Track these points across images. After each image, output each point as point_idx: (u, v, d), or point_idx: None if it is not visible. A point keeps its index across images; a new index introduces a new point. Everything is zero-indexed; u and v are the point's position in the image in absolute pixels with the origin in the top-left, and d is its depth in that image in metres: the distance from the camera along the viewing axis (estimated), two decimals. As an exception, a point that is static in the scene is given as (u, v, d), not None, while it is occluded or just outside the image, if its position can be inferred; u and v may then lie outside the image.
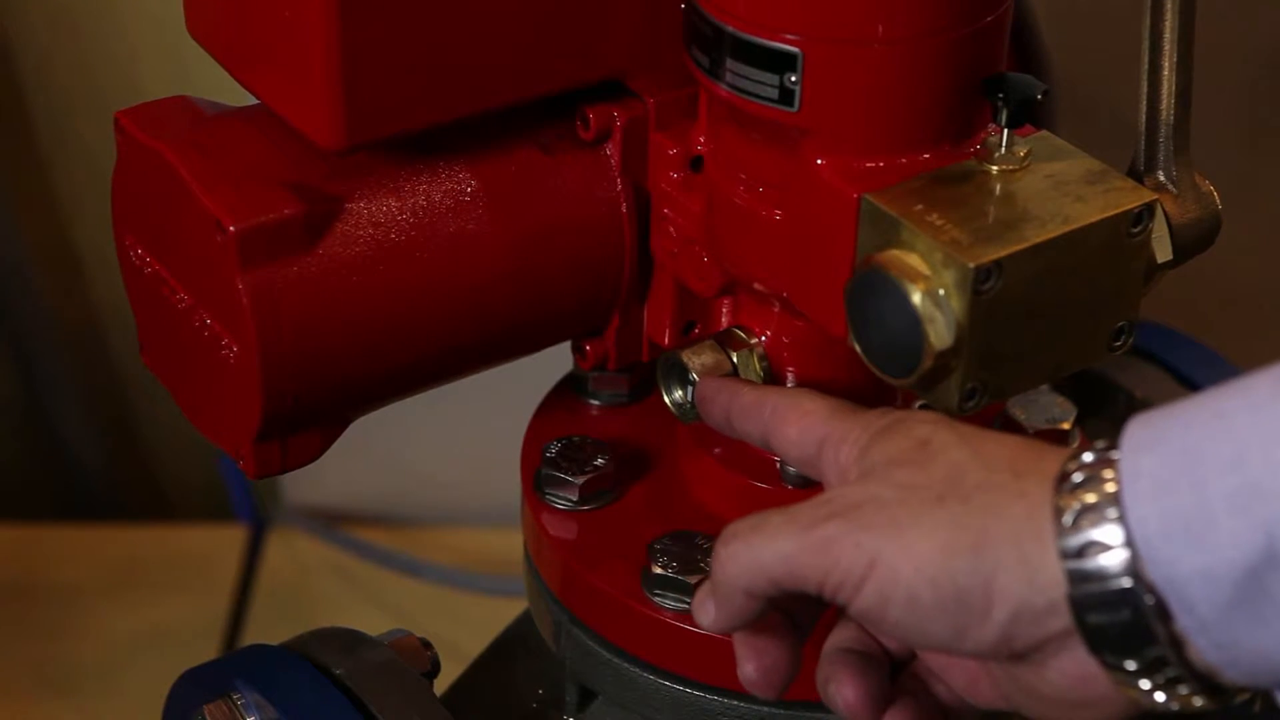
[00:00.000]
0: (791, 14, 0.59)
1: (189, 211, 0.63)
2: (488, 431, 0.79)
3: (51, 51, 1.22)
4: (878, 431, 0.59)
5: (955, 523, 0.56)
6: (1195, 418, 0.53)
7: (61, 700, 1.15)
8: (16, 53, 1.22)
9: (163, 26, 1.12)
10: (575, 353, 0.72)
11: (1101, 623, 0.54)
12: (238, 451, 0.66)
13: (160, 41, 1.18)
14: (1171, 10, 0.63)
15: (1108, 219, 0.59)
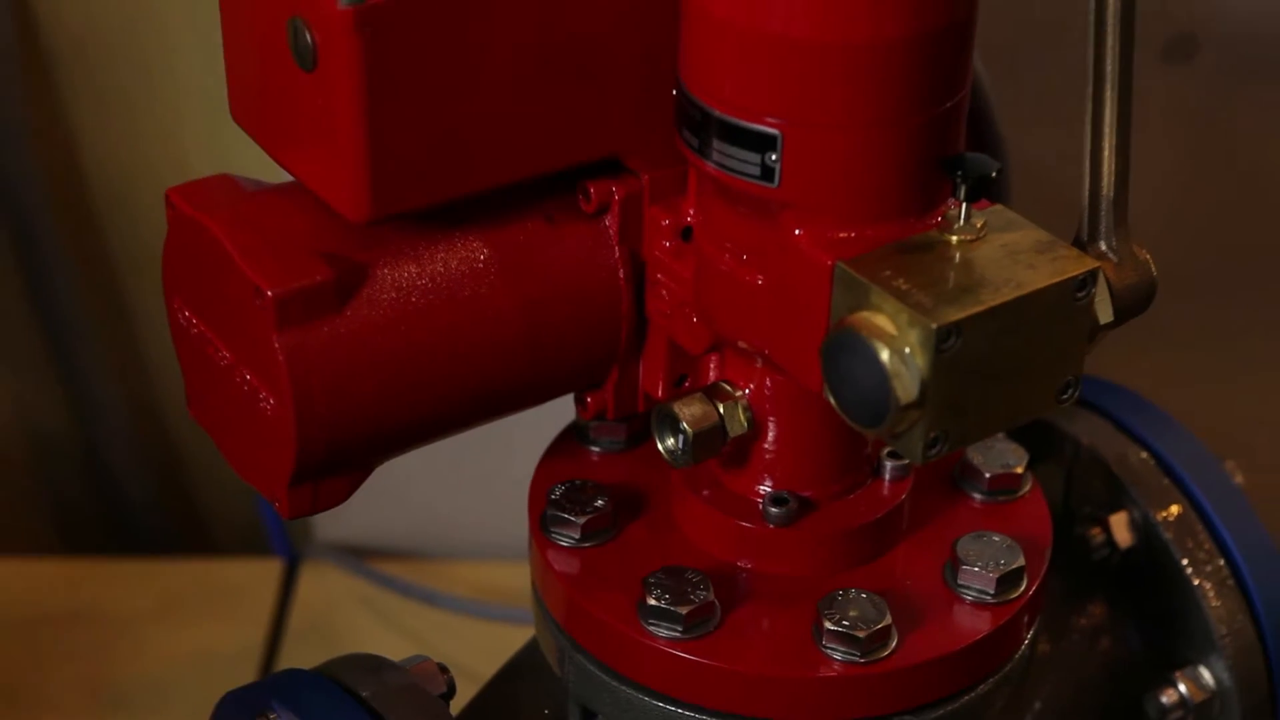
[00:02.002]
0: (772, 100, 0.59)
1: (231, 278, 0.63)
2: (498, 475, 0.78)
3: (108, 132, 1.23)
4: None
5: None
6: None
7: (114, 717, 1.15)
8: (76, 132, 1.22)
9: (208, 111, 1.12)
10: (577, 404, 0.72)
11: None
12: (274, 494, 0.66)
13: (206, 124, 1.19)
14: (1111, 101, 0.63)
15: (1055, 284, 0.59)
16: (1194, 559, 0.78)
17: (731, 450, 0.68)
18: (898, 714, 0.66)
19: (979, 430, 0.61)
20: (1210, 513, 0.78)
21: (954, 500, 0.72)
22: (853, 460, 0.69)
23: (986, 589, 0.67)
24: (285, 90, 0.63)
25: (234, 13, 0.65)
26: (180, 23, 1.18)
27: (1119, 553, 0.79)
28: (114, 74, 1.21)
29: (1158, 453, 0.80)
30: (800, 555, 0.68)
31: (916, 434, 0.58)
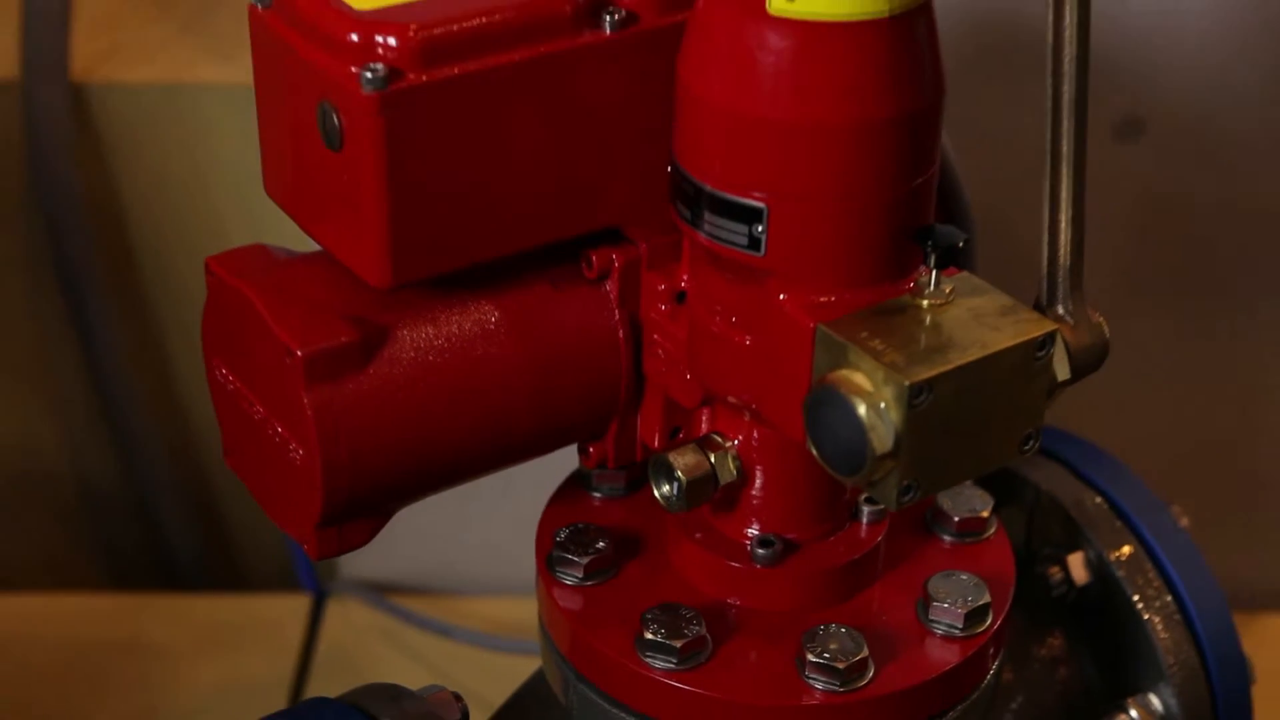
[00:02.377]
0: (758, 177, 0.59)
1: (264, 339, 0.63)
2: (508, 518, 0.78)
3: (154, 206, 1.23)
4: None
5: None
6: None
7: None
8: (125, 206, 1.23)
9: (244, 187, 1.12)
10: (581, 453, 0.72)
11: None
12: (303, 536, 0.66)
13: (242, 199, 1.19)
14: (1066, 178, 0.64)
15: (1017, 345, 0.59)
16: (1144, 595, 0.77)
17: (722, 496, 0.67)
18: (874, 739, 0.66)
19: (948, 478, 0.61)
20: (1159, 553, 0.78)
21: (925, 542, 0.72)
22: (833, 505, 0.69)
23: (955, 624, 0.67)
24: (314, 167, 0.63)
25: (268, 97, 0.65)
26: (220, 109, 1.19)
27: (1076, 589, 0.79)
28: (160, 154, 1.21)
29: (1110, 498, 0.79)
30: (785, 593, 0.68)
31: (891, 482, 0.58)
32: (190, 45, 1.23)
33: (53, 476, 1.32)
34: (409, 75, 0.59)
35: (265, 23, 0.63)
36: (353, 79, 0.59)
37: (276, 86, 0.64)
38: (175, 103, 1.20)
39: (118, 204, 1.22)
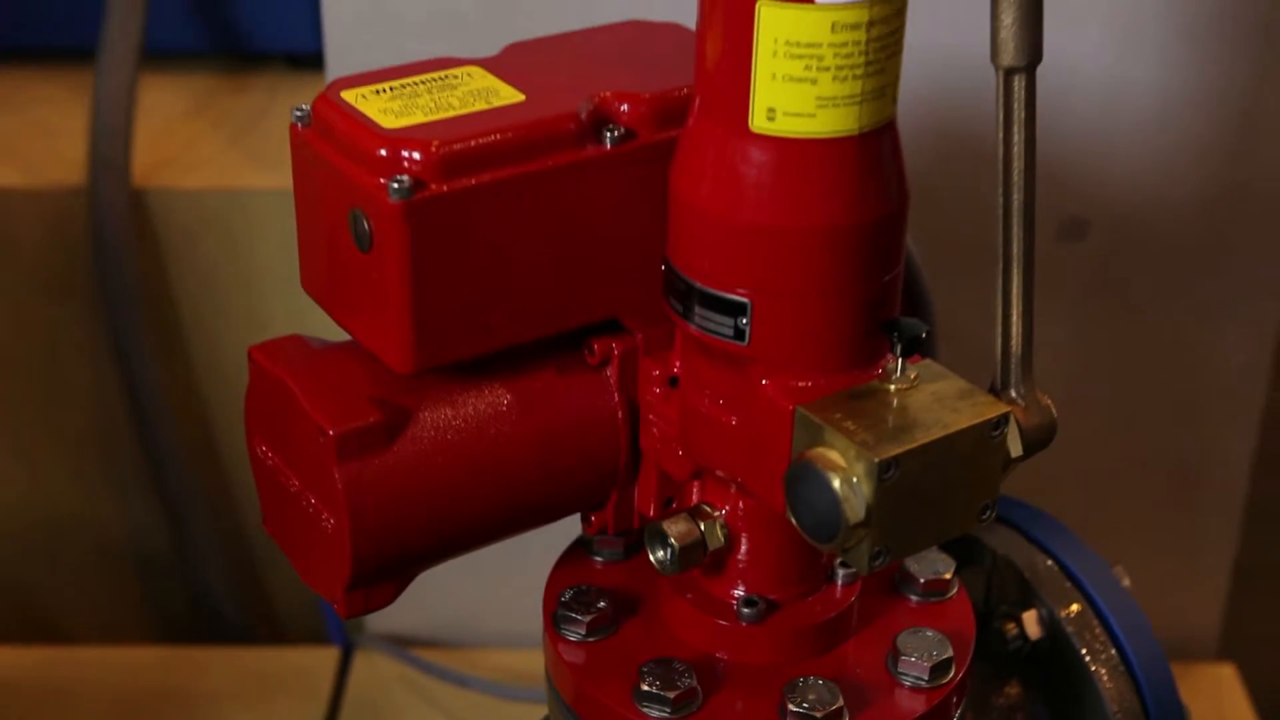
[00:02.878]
0: (743, 275, 0.60)
1: (300, 420, 0.63)
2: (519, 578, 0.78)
3: (204, 299, 1.23)
4: None
5: None
6: None
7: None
8: (178, 299, 1.23)
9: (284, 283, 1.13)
10: (583, 521, 0.72)
11: None
12: (333, 597, 0.65)
13: (281, 292, 1.19)
14: (1017, 276, 0.64)
15: (975, 425, 0.58)
16: (1091, 649, 0.77)
17: (710, 561, 0.67)
18: (849, 782, 0.65)
19: (914, 544, 0.61)
20: (1104, 610, 0.78)
21: (894, 601, 0.72)
22: (811, 569, 0.69)
23: (922, 676, 0.67)
24: (345, 266, 0.63)
25: (306, 203, 0.66)
26: (263, 212, 1.19)
27: (1030, 643, 0.79)
28: (209, 252, 1.22)
29: (1060, 560, 0.79)
30: (767, 648, 0.68)
31: (863, 548, 0.58)
32: (238, 155, 1.24)
33: (107, 538, 1.32)
34: (431, 186, 0.60)
35: (304, 138, 0.64)
36: (381, 189, 0.59)
37: (313, 194, 0.65)
38: (224, 206, 1.21)
39: (171, 295, 1.23)
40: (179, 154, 1.24)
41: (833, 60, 0.56)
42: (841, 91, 0.57)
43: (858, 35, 0.56)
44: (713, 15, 0.58)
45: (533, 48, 0.69)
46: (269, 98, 1.32)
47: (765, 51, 0.56)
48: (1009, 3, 0.60)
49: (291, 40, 1.34)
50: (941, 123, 1.03)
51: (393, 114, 0.62)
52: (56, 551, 1.31)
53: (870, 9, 0.56)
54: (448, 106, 0.63)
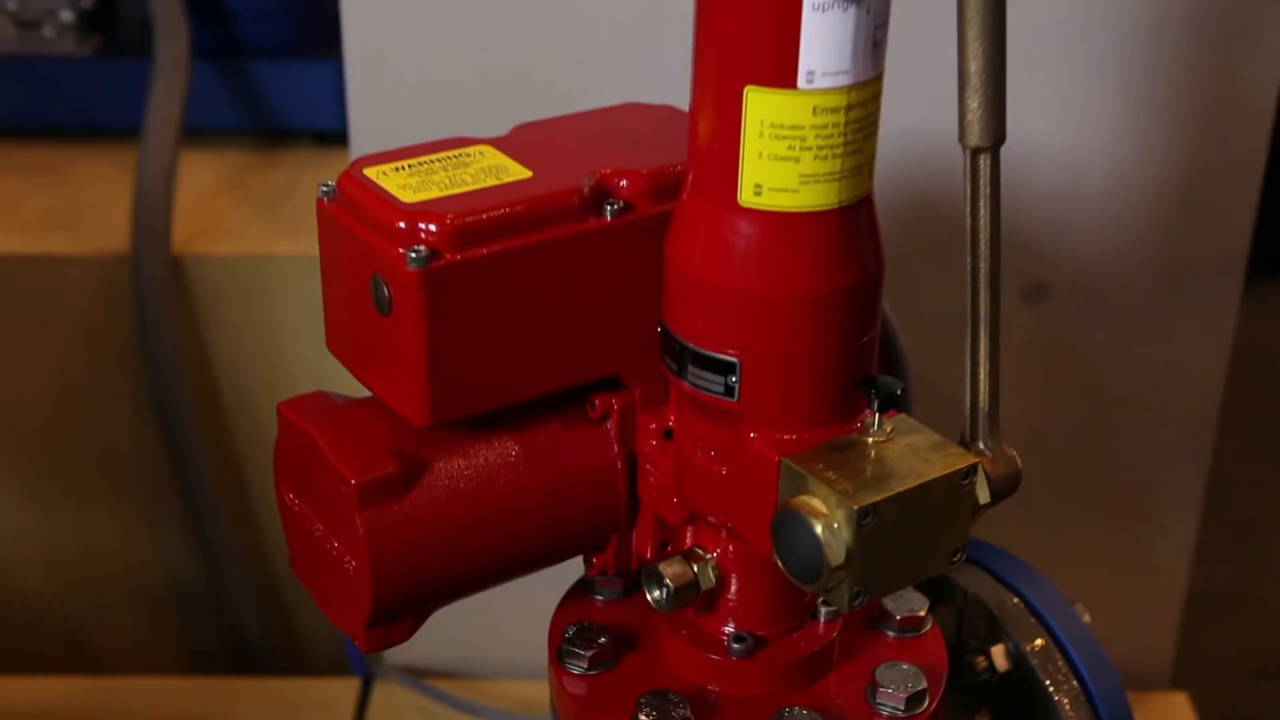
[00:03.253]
0: (732, 337, 0.60)
1: (324, 470, 0.63)
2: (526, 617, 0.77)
3: (236, 356, 1.23)
4: None
5: None
6: None
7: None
8: (212, 356, 1.23)
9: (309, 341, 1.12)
10: (585, 563, 0.71)
11: None
12: (355, 633, 0.65)
13: (307, 351, 1.19)
14: (984, 336, 0.64)
15: (946, 475, 0.58)
16: (1054, 680, 0.77)
17: (703, 600, 0.67)
18: (832, 804, 0.65)
19: (891, 585, 0.61)
20: (1066, 644, 0.77)
21: (872, 637, 0.71)
22: (795, 607, 0.68)
23: (899, 706, 0.66)
24: (367, 328, 0.63)
25: (330, 270, 0.66)
26: (291, 277, 1.20)
27: (998, 675, 0.78)
28: (242, 314, 1.22)
29: (1025, 598, 0.79)
30: (756, 680, 0.67)
31: (844, 589, 0.58)
32: (268, 224, 1.24)
33: (147, 578, 1.31)
34: (446, 255, 0.60)
35: (330, 211, 0.64)
36: (400, 258, 0.59)
37: (338, 262, 0.65)
38: (255, 271, 1.21)
39: (207, 354, 1.23)
40: (214, 223, 1.24)
41: (814, 140, 0.57)
42: (822, 169, 0.57)
43: (837, 118, 0.57)
44: (704, 99, 0.58)
45: (539, 127, 0.70)
46: (297, 172, 1.33)
47: (752, 133, 0.57)
48: (975, 89, 0.61)
49: (318, 119, 1.35)
50: (914, 197, 1.03)
51: (411, 189, 0.62)
52: (101, 589, 1.31)
53: (848, 94, 0.56)
54: (461, 182, 0.63)
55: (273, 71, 1.34)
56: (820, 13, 0.55)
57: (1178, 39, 1.04)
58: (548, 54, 1.04)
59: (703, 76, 0.58)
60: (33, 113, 1.35)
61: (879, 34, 0.57)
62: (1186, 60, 1.04)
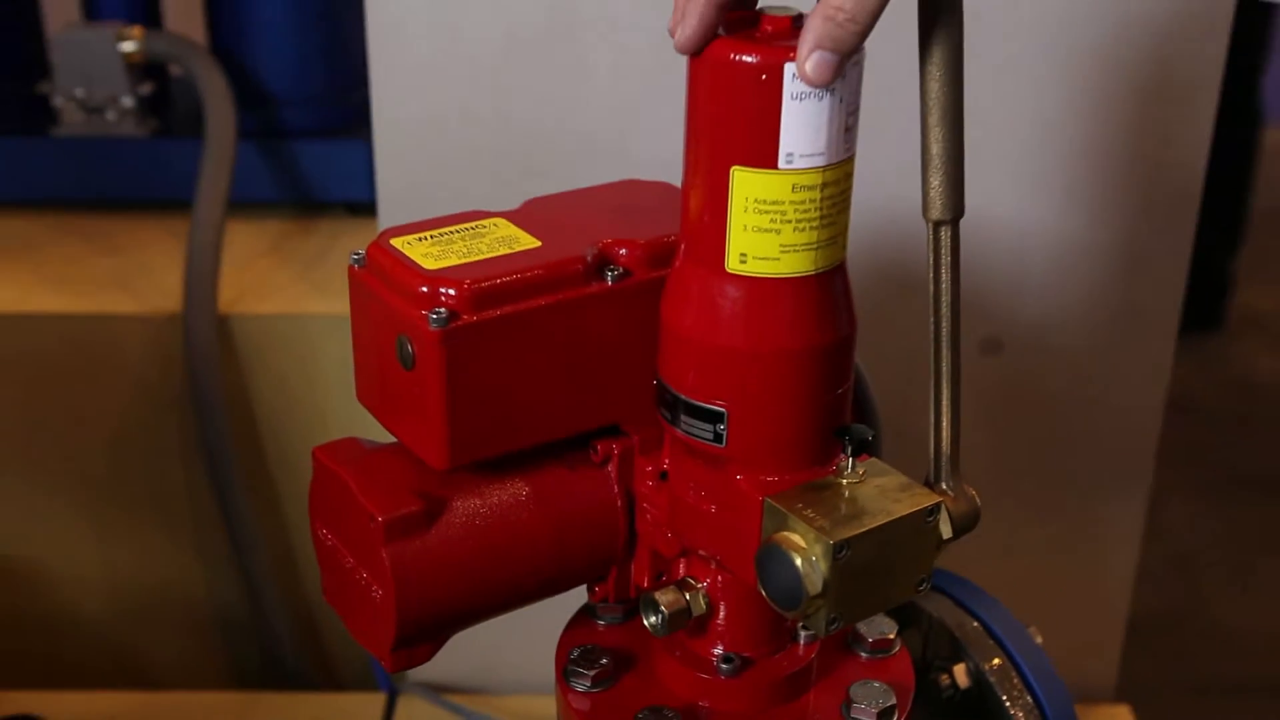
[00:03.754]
0: (720, 389, 0.60)
1: (354, 508, 0.62)
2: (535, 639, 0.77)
3: (276, 403, 1.23)
4: None
5: None
6: None
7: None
8: (255, 402, 1.23)
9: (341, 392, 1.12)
10: (589, 591, 0.71)
11: None
12: (381, 655, 0.64)
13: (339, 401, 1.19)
14: (947, 387, 0.64)
15: (913, 513, 0.58)
16: (1011, 696, 0.76)
17: (694, 624, 0.66)
18: (811, 809, 0.64)
19: (864, 612, 0.60)
20: (1020, 663, 0.77)
21: (847, 657, 0.71)
22: (778, 631, 0.68)
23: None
24: (393, 381, 0.63)
25: (360, 328, 0.66)
26: (324, 334, 1.20)
27: (960, 692, 0.77)
28: (280, 367, 1.22)
29: (984, 622, 0.78)
30: (742, 697, 0.67)
31: (821, 615, 0.57)
32: (304, 286, 1.24)
33: (194, 602, 1.30)
34: (464, 316, 0.60)
35: (360, 277, 0.64)
36: (423, 319, 0.59)
37: (367, 322, 0.65)
38: (293, 328, 1.21)
39: (249, 403, 1.23)
40: (257, 285, 1.25)
41: (793, 215, 0.57)
42: (800, 240, 0.57)
43: (813, 194, 0.57)
44: (695, 177, 0.58)
45: (547, 201, 0.70)
46: (331, 239, 1.33)
47: (738, 208, 0.57)
48: (936, 169, 0.61)
49: (350, 192, 1.35)
50: (883, 264, 1.03)
51: (433, 257, 0.62)
52: (152, 613, 1.30)
53: (824, 173, 0.57)
54: (478, 251, 0.63)
55: (309, 150, 1.34)
56: (799, 102, 0.55)
57: (1117, 117, 1.04)
58: (555, 136, 1.04)
59: (694, 157, 0.58)
60: (97, 187, 1.36)
61: (850, 120, 0.57)
62: (1125, 136, 1.05)
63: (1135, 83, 1.03)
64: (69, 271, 1.26)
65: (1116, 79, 1.03)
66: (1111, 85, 1.03)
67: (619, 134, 1.03)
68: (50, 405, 1.22)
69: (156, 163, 1.34)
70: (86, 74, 1.32)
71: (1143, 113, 1.04)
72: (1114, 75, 1.03)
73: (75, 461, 1.24)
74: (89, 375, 1.21)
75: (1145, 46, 1.02)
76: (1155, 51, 1.02)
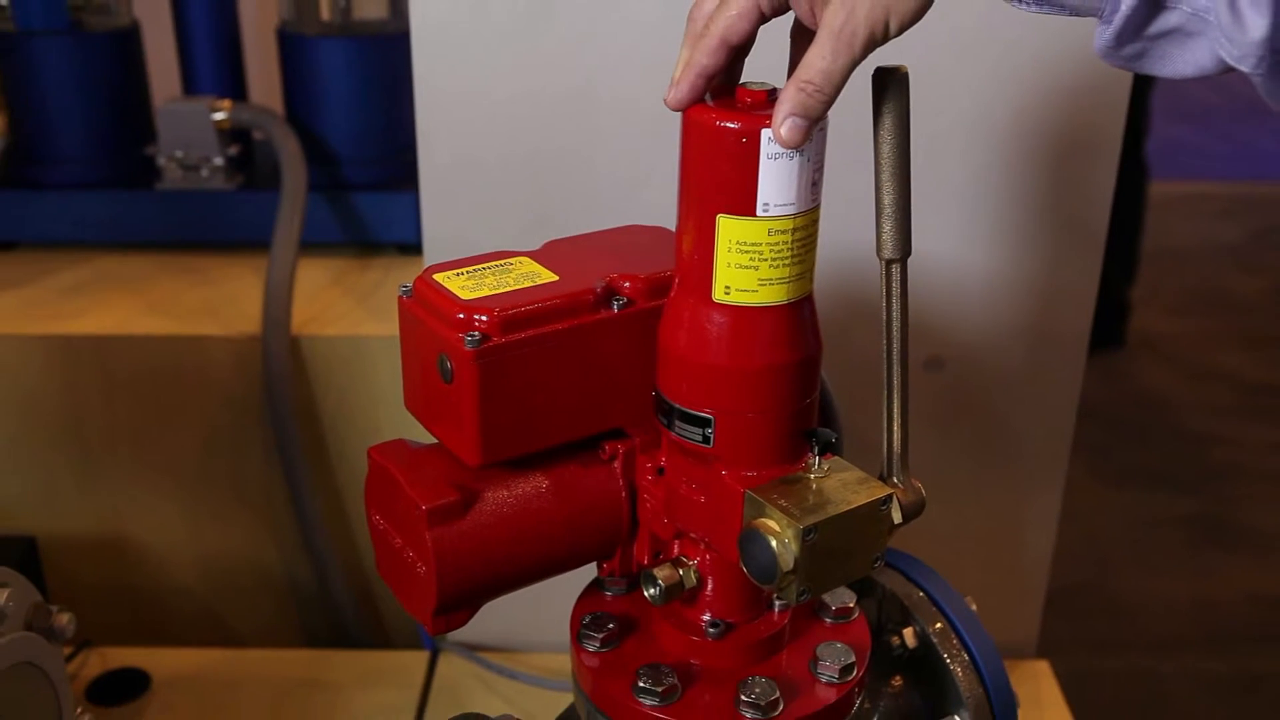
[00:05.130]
0: (708, 399, 0.59)
1: (402, 498, 0.62)
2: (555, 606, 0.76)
3: (338, 409, 1.23)
4: None
5: None
6: None
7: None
8: (319, 408, 1.22)
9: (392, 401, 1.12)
10: (598, 567, 0.70)
11: None
12: (424, 620, 0.64)
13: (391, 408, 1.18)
14: (897, 397, 0.63)
15: (869, 502, 0.58)
16: (950, 653, 0.75)
17: (687, 595, 0.66)
18: (783, 750, 0.63)
19: (828, 585, 0.60)
20: (959, 626, 0.76)
21: (814, 622, 0.70)
22: (756, 601, 0.67)
23: (834, 675, 0.65)
24: (434, 392, 0.62)
25: (408, 350, 0.65)
26: (379, 353, 1.19)
27: (909, 650, 0.77)
28: (342, 381, 1.21)
29: (928, 591, 0.78)
30: (727, 656, 0.66)
31: (792, 588, 0.57)
32: (362, 312, 1.24)
33: (271, 576, 1.30)
34: (494, 338, 0.59)
35: (407, 306, 0.64)
36: (460, 341, 0.59)
37: (413, 343, 0.64)
38: (352, 348, 1.20)
39: (316, 411, 1.22)
40: (323, 312, 1.24)
41: (769, 254, 0.56)
42: (775, 275, 0.57)
43: (786, 237, 0.56)
44: (687, 222, 0.58)
45: (563, 243, 0.69)
46: (384, 273, 1.32)
47: (723, 248, 0.56)
48: (888, 216, 0.61)
49: (401, 235, 1.35)
50: (844, 295, 1.03)
51: (468, 289, 0.62)
52: (235, 583, 1.29)
53: (794, 220, 0.56)
54: (505, 284, 0.62)
55: (367, 200, 1.34)
56: (773, 160, 0.55)
57: (1035, 172, 1.04)
58: (570, 189, 1.04)
59: (686, 205, 0.58)
60: (191, 231, 1.36)
61: (816, 175, 0.57)
62: (1043, 188, 1.05)
63: (1050, 144, 1.03)
64: (168, 301, 1.26)
65: (1035, 142, 1.03)
66: (1030, 147, 1.03)
67: (624, 188, 1.03)
68: (152, 412, 1.21)
69: (241, 211, 1.34)
70: (185, 138, 1.32)
71: (1057, 169, 1.04)
72: (1033, 139, 1.03)
73: (173, 459, 1.23)
74: (184, 387, 1.21)
75: (1058, 114, 1.02)
76: (1066, 118, 1.02)
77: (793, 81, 0.53)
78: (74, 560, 1.25)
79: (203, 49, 1.42)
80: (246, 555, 1.28)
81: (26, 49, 1.30)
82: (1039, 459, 1.15)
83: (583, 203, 1.04)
